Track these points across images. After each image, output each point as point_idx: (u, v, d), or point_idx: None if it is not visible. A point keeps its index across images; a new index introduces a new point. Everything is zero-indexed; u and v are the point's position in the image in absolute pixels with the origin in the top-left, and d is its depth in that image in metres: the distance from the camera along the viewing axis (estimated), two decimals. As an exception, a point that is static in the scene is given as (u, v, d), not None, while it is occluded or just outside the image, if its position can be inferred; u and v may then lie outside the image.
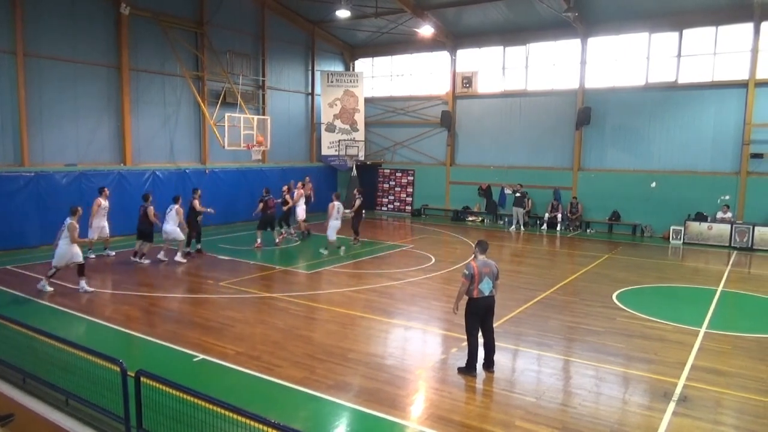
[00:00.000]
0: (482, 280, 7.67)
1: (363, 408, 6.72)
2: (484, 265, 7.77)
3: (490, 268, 7.78)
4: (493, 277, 7.79)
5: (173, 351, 8.53)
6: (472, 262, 7.83)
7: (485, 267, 7.75)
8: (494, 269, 7.84)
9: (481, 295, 7.69)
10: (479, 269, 7.69)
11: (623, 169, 22.05)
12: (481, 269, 7.70)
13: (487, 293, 7.72)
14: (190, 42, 21.07)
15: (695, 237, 19.84)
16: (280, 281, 13.20)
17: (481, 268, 7.71)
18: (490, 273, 7.76)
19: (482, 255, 7.91)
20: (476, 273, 7.66)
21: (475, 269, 7.67)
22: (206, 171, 21.30)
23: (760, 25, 19.22)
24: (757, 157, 19.41)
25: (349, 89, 27.07)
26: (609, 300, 11.99)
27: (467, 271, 7.70)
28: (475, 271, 7.66)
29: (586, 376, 7.97)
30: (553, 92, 23.49)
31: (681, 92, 20.88)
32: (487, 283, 7.71)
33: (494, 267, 7.86)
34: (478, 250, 7.97)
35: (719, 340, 9.44)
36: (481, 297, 7.70)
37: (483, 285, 7.69)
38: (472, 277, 7.65)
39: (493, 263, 7.89)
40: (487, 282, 7.70)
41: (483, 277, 7.68)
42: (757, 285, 13.79)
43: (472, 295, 7.71)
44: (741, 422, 6.58)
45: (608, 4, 20.88)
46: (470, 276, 7.65)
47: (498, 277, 7.90)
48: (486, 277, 7.70)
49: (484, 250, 7.97)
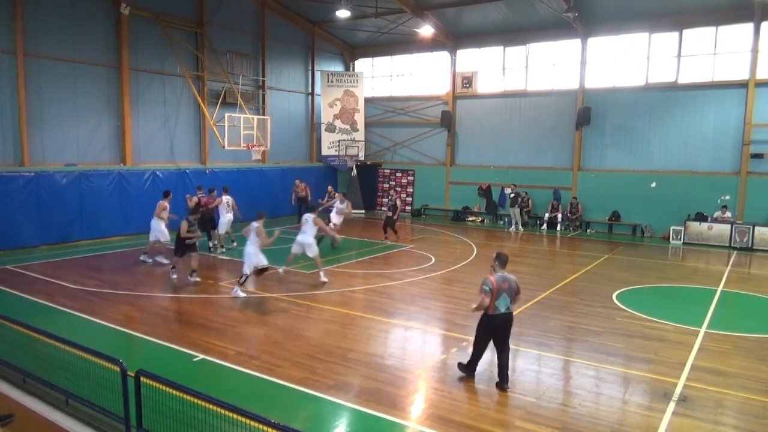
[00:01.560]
0: (499, 297, 7.26)
1: (363, 408, 6.71)
2: (502, 280, 7.32)
3: (509, 284, 7.34)
4: (512, 293, 7.38)
5: (173, 351, 8.53)
6: (490, 276, 7.36)
7: (504, 282, 7.31)
8: (513, 285, 7.40)
9: (497, 311, 7.29)
10: (498, 284, 7.25)
11: (623, 169, 22.05)
12: (500, 284, 7.27)
13: (503, 310, 7.32)
14: (190, 42, 21.08)
15: (695, 237, 19.84)
16: (280, 281, 13.19)
17: (499, 283, 7.27)
18: (509, 289, 7.33)
19: (501, 269, 7.44)
20: (495, 288, 7.23)
21: (494, 284, 7.23)
22: (206, 171, 21.31)
23: (761, 25, 19.23)
24: (758, 157, 19.42)
25: (349, 89, 27.08)
26: (609, 300, 11.99)
27: (486, 286, 7.23)
28: (494, 287, 7.23)
29: (586, 376, 7.97)
30: (553, 92, 23.49)
31: (681, 92, 20.88)
32: (504, 300, 7.30)
33: (513, 282, 7.41)
34: (497, 264, 7.47)
35: (719, 340, 9.44)
36: (497, 314, 7.30)
37: (500, 301, 7.28)
38: (491, 293, 7.22)
39: (512, 278, 7.43)
40: (504, 298, 7.29)
41: (501, 293, 7.27)
42: (757, 285, 13.79)
43: (488, 311, 7.31)
44: (741, 422, 6.58)
45: (608, 4, 20.88)
46: (490, 292, 7.21)
47: (518, 292, 7.50)
48: (504, 294, 7.28)
49: (504, 263, 7.49)
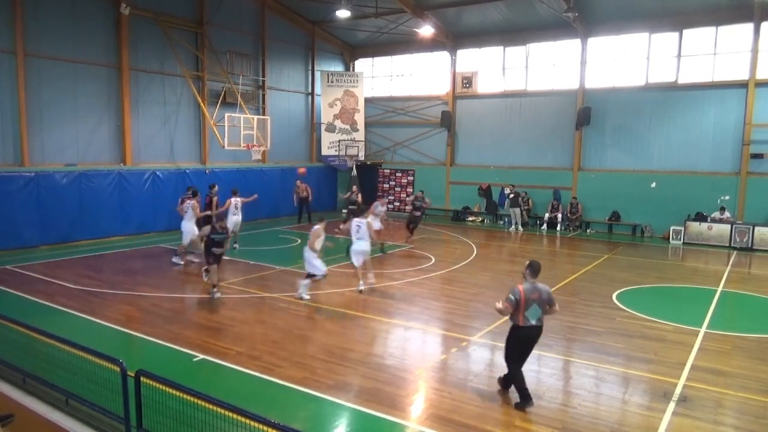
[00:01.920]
0: (529, 307, 6.87)
1: (363, 408, 6.72)
2: (532, 290, 6.92)
3: (539, 294, 6.93)
4: (543, 304, 6.97)
5: (173, 351, 8.53)
6: (519, 285, 6.97)
7: (534, 292, 6.90)
8: (544, 295, 6.98)
9: (527, 323, 6.89)
10: (526, 295, 6.86)
11: (623, 169, 22.05)
12: (529, 295, 6.87)
13: (533, 322, 6.91)
14: (190, 42, 21.08)
15: (695, 237, 19.84)
16: (279, 281, 13.19)
17: (528, 293, 6.87)
18: (539, 300, 6.92)
19: (532, 278, 7.03)
20: (522, 299, 6.85)
21: (522, 294, 6.85)
22: (206, 171, 21.30)
23: (761, 25, 19.23)
24: (757, 158, 19.42)
25: (349, 89, 27.08)
26: (609, 300, 11.99)
27: (512, 296, 6.86)
28: (521, 297, 6.85)
29: (586, 376, 7.98)
30: (553, 92, 23.49)
31: (681, 92, 20.88)
32: (534, 311, 6.90)
33: (545, 293, 7.00)
34: (528, 273, 7.06)
35: (719, 341, 9.44)
36: (527, 326, 6.91)
37: (530, 312, 6.88)
38: (516, 303, 6.86)
39: (544, 288, 7.02)
40: (534, 309, 6.89)
41: (530, 303, 6.87)
42: (757, 285, 13.79)
43: (517, 322, 6.95)
44: (741, 422, 6.58)
45: (608, 4, 20.88)
46: (515, 302, 6.85)
47: (552, 303, 7.06)
48: (534, 304, 6.89)
49: (535, 272, 7.06)
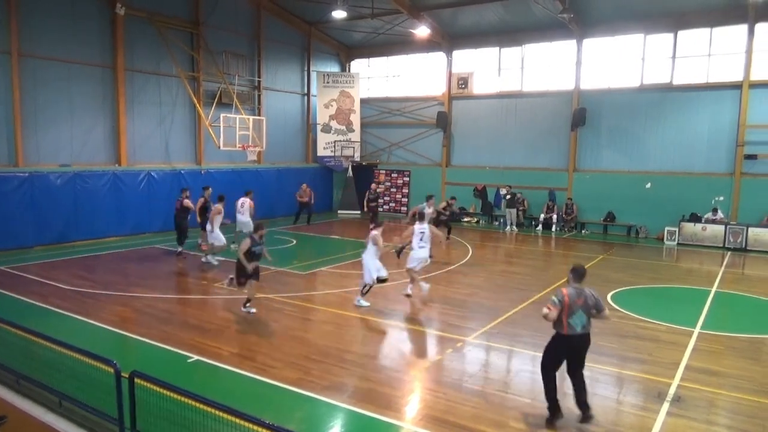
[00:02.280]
0: (573, 313, 6.38)
1: (358, 409, 6.72)
2: (577, 294, 6.43)
3: (584, 299, 6.43)
4: (589, 310, 6.46)
5: (167, 352, 8.51)
6: (564, 288, 6.54)
7: (579, 297, 6.41)
8: (590, 301, 6.46)
9: (572, 332, 6.39)
10: (570, 299, 6.38)
11: (618, 170, 22.12)
12: (574, 299, 6.38)
13: (579, 330, 6.41)
14: (185, 42, 21.04)
15: (690, 238, 19.91)
16: (274, 282, 13.18)
17: (573, 297, 6.39)
18: (584, 305, 6.42)
19: (577, 282, 6.56)
20: (566, 303, 6.36)
21: (566, 298, 6.38)
22: (201, 171, 21.27)
23: (755, 26, 19.33)
24: (751, 159, 19.51)
25: (345, 90, 27.08)
26: (603, 301, 11.99)
27: (556, 298, 6.41)
28: (566, 300, 6.37)
29: (581, 376, 7.99)
30: (549, 93, 23.55)
31: (676, 93, 20.97)
32: (579, 318, 6.39)
33: (591, 298, 6.48)
34: (571, 277, 6.62)
35: (713, 341, 9.48)
36: (571, 334, 6.41)
37: (574, 319, 6.39)
38: (561, 307, 6.37)
39: (590, 293, 6.50)
40: (579, 316, 6.39)
41: (575, 309, 6.38)
42: (750, 285, 13.85)
43: (561, 330, 6.44)
44: (734, 422, 6.62)
45: (604, 5, 20.95)
46: (559, 304, 6.37)
47: (600, 309, 6.54)
48: (579, 310, 6.39)
49: (581, 277, 6.60)
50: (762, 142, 19.35)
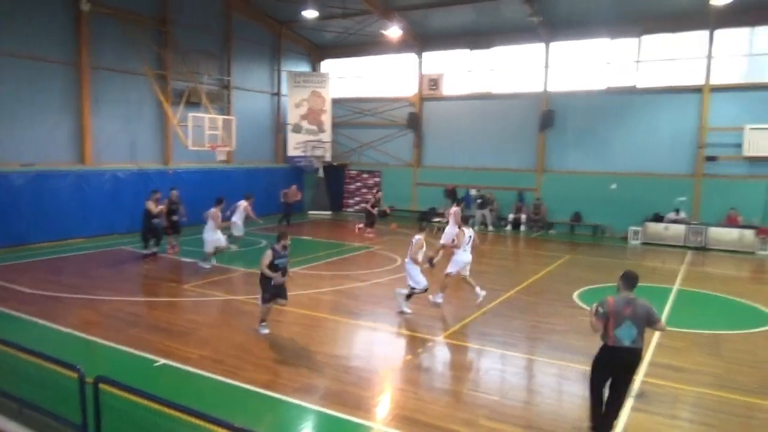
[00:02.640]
0: (620, 324, 5.86)
1: (329, 410, 6.69)
2: (625, 303, 5.92)
3: (633, 309, 5.89)
4: (640, 322, 5.87)
5: (134, 356, 8.34)
6: (610, 297, 6.05)
7: (627, 306, 5.90)
8: (641, 311, 5.89)
9: (618, 344, 5.87)
10: (616, 308, 5.89)
11: (585, 170, 22.54)
12: (620, 309, 5.89)
13: (627, 343, 5.85)
14: (153, 40, 20.66)
15: (653, 237, 20.41)
16: (244, 283, 13.04)
17: (620, 307, 5.90)
18: (634, 316, 5.87)
19: (627, 290, 6.04)
20: (611, 312, 5.89)
21: (611, 307, 5.91)
22: (169, 172, 20.91)
23: (714, 32, 19.94)
24: (712, 160, 20.12)
25: (316, 90, 26.96)
26: (570, 299, 12.23)
27: (601, 308, 5.96)
28: (611, 310, 5.90)
29: (549, 374, 8.13)
30: (518, 95, 23.86)
31: (640, 96, 21.48)
32: (627, 330, 5.85)
33: (641, 308, 5.91)
34: (621, 284, 6.10)
35: (676, 337, 9.73)
36: (617, 347, 5.88)
37: (621, 331, 5.86)
38: (606, 317, 5.92)
39: (641, 303, 5.95)
40: (627, 328, 5.84)
41: (622, 320, 5.85)
42: (711, 283, 14.27)
43: (607, 341, 5.97)
44: (697, 416, 6.81)
45: (571, 9, 21.32)
46: (604, 315, 5.92)
47: (654, 321, 5.96)
48: (627, 321, 5.85)
49: (630, 284, 6.07)
50: (721, 145, 19.98)
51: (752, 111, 19.50)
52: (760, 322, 10.88)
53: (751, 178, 19.67)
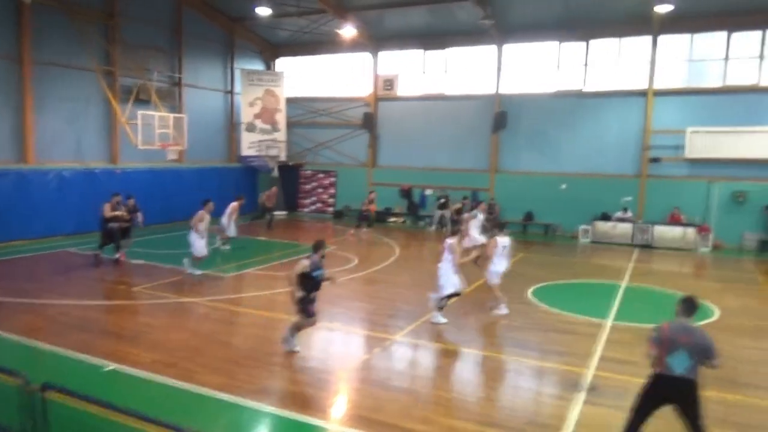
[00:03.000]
0: (674, 351, 5.40)
1: (285, 412, 6.64)
2: (681, 330, 5.47)
3: (690, 337, 5.41)
4: (696, 353, 5.36)
5: (82, 361, 8.04)
6: (665, 322, 5.62)
7: (683, 334, 5.43)
8: (699, 340, 5.39)
9: (668, 372, 5.41)
10: (671, 335, 5.45)
11: (536, 171, 23.09)
12: (675, 335, 5.44)
13: (678, 372, 5.37)
14: (100, 34, 19.97)
15: (601, 236, 21.09)
16: (198, 285, 12.78)
17: (675, 333, 5.45)
18: (690, 345, 5.37)
19: (685, 317, 5.58)
20: (665, 338, 5.47)
21: (665, 333, 5.50)
22: (117, 171, 20.26)
23: (657, 38, 20.77)
24: (656, 161, 20.97)
25: (270, 89, 26.63)
26: (524, 297, 12.51)
27: (655, 333, 5.58)
28: (664, 335, 5.49)
29: (504, 370, 8.31)
30: (471, 96, 24.21)
31: (588, 100, 22.16)
32: (681, 358, 5.37)
33: (700, 338, 5.41)
34: (679, 309, 5.63)
35: (624, 331, 10.09)
36: (667, 375, 5.43)
37: (674, 359, 5.40)
38: (659, 342, 5.51)
39: (700, 333, 5.47)
40: (681, 356, 5.37)
41: (676, 347, 5.40)
42: (656, 279, 14.85)
43: (657, 367, 5.52)
44: (642, 408, 7.07)
45: (522, 13, 21.79)
46: (657, 340, 5.52)
47: (710, 356, 5.37)
48: (681, 349, 5.38)
49: (689, 310, 5.59)
50: (665, 147, 20.84)
51: (693, 114, 20.42)
52: (702, 316, 11.36)
53: (692, 178, 20.60)
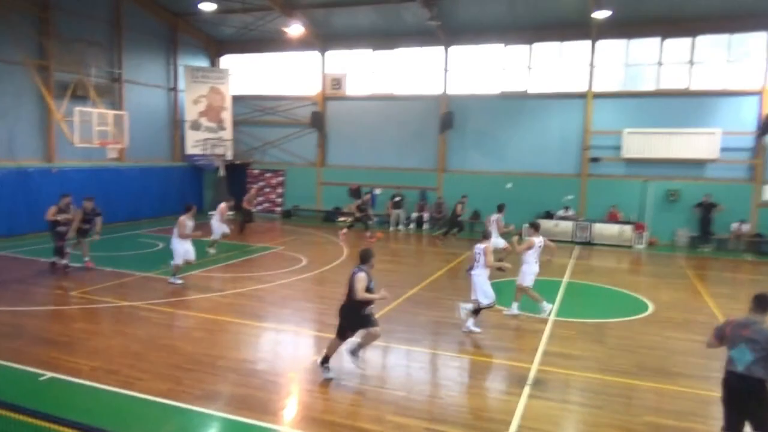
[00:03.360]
0: (736, 345, 5.29)
1: (234, 416, 6.53)
2: (744, 324, 5.34)
3: (752, 333, 5.23)
4: (757, 349, 5.15)
5: (16, 371, 7.65)
6: (734, 315, 5.67)
7: (745, 328, 5.29)
8: (761, 337, 5.18)
9: (732, 368, 5.28)
10: (733, 328, 5.37)
11: (483, 171, 23.55)
12: (737, 329, 5.33)
13: (740, 368, 5.20)
14: (32, 26, 19.02)
15: (544, 233, 21.12)
16: (139, 288, 12.38)
17: (738, 327, 5.35)
18: (752, 341, 5.20)
19: (756, 314, 5.39)
20: (728, 331, 5.40)
21: (729, 325, 5.43)
22: (52, 170, 19.36)
23: (596, 43, 21.57)
24: (595, 161, 21.79)
25: (215, 86, 26.06)
26: (470, 295, 12.70)
27: (722, 323, 5.60)
28: (727, 328, 5.43)
29: (452, 367, 8.45)
30: (419, 97, 24.45)
31: (531, 101, 22.77)
32: (742, 353, 5.22)
33: (761, 334, 5.20)
34: (753, 305, 5.43)
35: (566, 327, 10.44)
36: (730, 371, 5.31)
37: (736, 353, 5.27)
38: (720, 334, 5.48)
39: (762, 329, 5.26)
40: (741, 351, 5.22)
41: (737, 340, 5.27)
42: (596, 275, 15.45)
43: (726, 365, 5.40)
44: (584, 399, 7.36)
45: (467, 15, 22.14)
46: (719, 331, 5.52)
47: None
48: (742, 344, 5.23)
49: (762, 308, 5.37)
50: (603, 147, 21.68)
51: (629, 116, 21.35)
52: (638, 310, 11.92)
53: (628, 177, 21.51)
